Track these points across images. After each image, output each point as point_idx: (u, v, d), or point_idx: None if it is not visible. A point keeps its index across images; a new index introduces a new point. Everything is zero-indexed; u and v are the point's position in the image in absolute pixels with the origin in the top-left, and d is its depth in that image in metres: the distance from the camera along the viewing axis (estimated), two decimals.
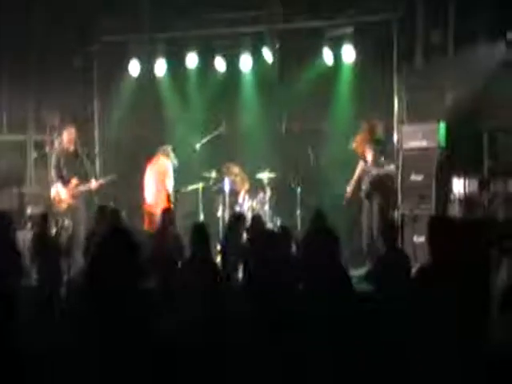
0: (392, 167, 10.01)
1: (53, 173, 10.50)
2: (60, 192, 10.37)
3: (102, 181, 10.55)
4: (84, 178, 10.38)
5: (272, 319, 5.64)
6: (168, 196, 10.40)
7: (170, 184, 10.57)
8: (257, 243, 7.40)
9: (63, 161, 10.47)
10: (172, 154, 10.68)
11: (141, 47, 11.66)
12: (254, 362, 5.65)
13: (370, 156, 10.18)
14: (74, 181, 10.35)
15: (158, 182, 10.64)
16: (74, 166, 10.46)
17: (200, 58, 11.59)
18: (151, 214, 10.37)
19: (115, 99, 11.89)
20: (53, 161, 10.59)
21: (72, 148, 10.47)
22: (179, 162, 10.81)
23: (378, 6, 10.65)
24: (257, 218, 8.49)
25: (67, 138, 10.47)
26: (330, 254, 5.69)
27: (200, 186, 10.68)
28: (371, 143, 10.20)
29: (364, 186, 10.15)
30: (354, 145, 10.22)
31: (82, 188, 10.38)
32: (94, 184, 10.37)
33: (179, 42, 11.56)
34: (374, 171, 10.05)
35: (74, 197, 10.36)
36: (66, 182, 10.39)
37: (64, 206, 10.34)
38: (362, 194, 10.17)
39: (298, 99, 11.12)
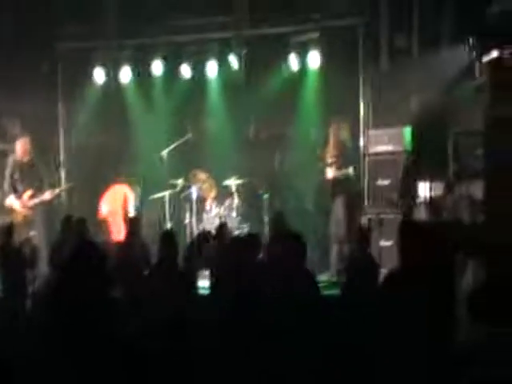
0: (350, 170, 9.92)
1: (6, 184, 10.37)
2: (13, 204, 10.26)
3: (57, 191, 10.51)
4: (39, 189, 10.27)
5: (238, 326, 5.64)
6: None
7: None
8: (223, 250, 7.42)
9: (18, 171, 10.35)
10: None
11: (106, 54, 11.63)
12: (220, 369, 5.63)
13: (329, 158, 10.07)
14: (28, 192, 10.24)
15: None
16: (30, 176, 10.34)
17: (166, 65, 11.59)
18: (108, 224, 10.45)
19: (80, 105, 11.83)
20: (7, 172, 10.44)
21: (27, 158, 10.36)
22: (145, 169, 10.81)
23: (343, 11, 10.73)
24: (223, 226, 8.45)
25: (21, 148, 10.36)
26: (297, 258, 5.71)
27: (167, 193, 10.63)
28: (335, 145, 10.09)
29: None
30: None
31: (37, 200, 10.24)
32: (47, 195, 10.25)
33: (146, 48, 11.54)
34: (332, 174, 9.98)
35: (29, 208, 10.24)
36: (19, 194, 10.27)
37: (19, 217, 10.21)
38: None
39: (264, 105, 11.10)
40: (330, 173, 9.98)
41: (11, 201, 10.28)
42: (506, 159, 7.92)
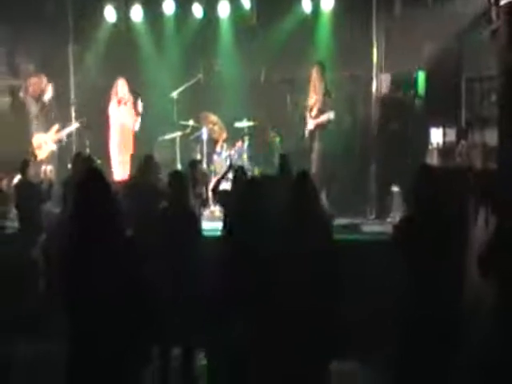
0: (331, 115, 9.60)
1: (34, 121, 10.73)
2: (42, 139, 10.65)
3: (76, 125, 10.86)
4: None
5: (252, 272, 5.69)
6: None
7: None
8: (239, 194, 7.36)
9: (42, 108, 10.72)
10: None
11: None
12: (231, 315, 5.73)
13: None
14: (55, 127, 10.67)
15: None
16: (51, 112, 10.73)
17: (177, 4, 11.49)
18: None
19: (91, 45, 11.76)
20: (32, 109, 10.76)
21: (49, 95, 10.74)
22: (156, 110, 10.78)
23: None
24: (240, 169, 8.32)
25: (37, 84, 10.74)
26: (313, 198, 5.72)
27: (177, 134, 10.61)
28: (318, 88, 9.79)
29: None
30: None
31: (63, 132, 10.70)
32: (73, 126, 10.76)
33: None
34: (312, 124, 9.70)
35: (55, 143, 10.71)
36: (47, 130, 10.68)
37: (45, 153, 10.64)
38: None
39: (276, 47, 10.99)
40: (311, 123, 9.70)
41: (40, 137, 10.67)
42: None
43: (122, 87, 10.53)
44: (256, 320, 5.57)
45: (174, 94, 10.68)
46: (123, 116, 10.52)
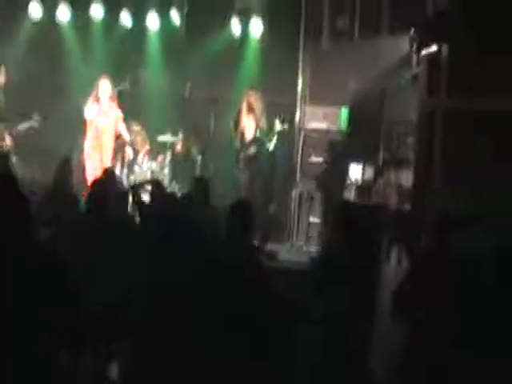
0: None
1: None
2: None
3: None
4: None
5: None
6: None
7: None
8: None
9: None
10: None
11: None
12: None
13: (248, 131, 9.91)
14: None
15: None
16: None
17: (106, 10, 11.45)
18: None
19: (14, 40, 11.52)
20: None
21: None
22: (78, 115, 10.68)
23: None
24: (156, 183, 8.35)
25: None
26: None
27: None
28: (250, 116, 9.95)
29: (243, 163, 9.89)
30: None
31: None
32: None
33: None
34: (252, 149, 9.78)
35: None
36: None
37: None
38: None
39: (203, 66, 11.16)
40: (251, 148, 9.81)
41: None
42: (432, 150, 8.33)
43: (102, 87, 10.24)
44: None
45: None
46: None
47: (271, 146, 9.97)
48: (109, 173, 7.69)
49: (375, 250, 6.60)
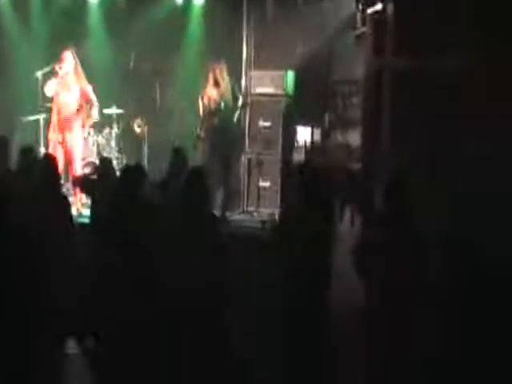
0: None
1: None
2: None
3: None
4: None
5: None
6: None
7: None
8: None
9: None
10: None
11: None
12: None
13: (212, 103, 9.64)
14: None
15: None
16: None
17: None
18: None
19: None
20: None
21: None
22: (20, 89, 10.43)
23: None
24: (106, 160, 8.18)
25: None
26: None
27: (42, 116, 10.30)
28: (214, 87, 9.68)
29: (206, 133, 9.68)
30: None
31: None
32: None
33: None
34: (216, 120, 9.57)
35: None
36: None
37: None
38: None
39: (146, 36, 10.93)
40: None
41: None
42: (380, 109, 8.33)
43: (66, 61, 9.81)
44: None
45: (39, 75, 10.32)
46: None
47: (235, 117, 9.78)
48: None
49: (330, 211, 6.60)
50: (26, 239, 5.35)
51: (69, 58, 9.76)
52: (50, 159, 7.04)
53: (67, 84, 9.77)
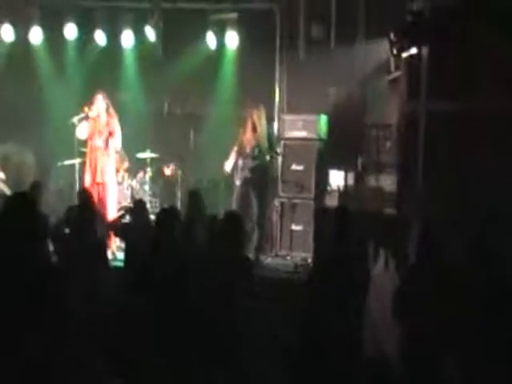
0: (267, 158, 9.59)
1: None
2: None
3: None
4: None
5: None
6: None
7: None
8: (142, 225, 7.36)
9: None
10: None
11: (14, 11, 11.21)
12: None
13: (248, 147, 9.68)
14: None
15: None
16: None
17: (79, 30, 11.31)
18: None
19: None
20: None
21: None
22: (56, 134, 10.56)
23: None
24: (141, 202, 8.22)
25: None
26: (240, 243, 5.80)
27: (77, 161, 10.39)
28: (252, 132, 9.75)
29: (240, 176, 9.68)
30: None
31: None
32: None
33: (57, 9, 11.21)
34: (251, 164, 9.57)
35: None
36: None
37: None
38: (238, 182, 9.74)
39: (180, 82, 11.05)
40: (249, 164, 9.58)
41: None
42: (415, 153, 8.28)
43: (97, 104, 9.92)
44: None
45: (75, 120, 10.44)
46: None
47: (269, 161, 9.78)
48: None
49: (364, 254, 6.56)
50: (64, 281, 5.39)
51: (100, 100, 9.85)
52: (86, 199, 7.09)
53: (99, 127, 9.86)
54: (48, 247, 6.41)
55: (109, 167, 9.84)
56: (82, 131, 9.80)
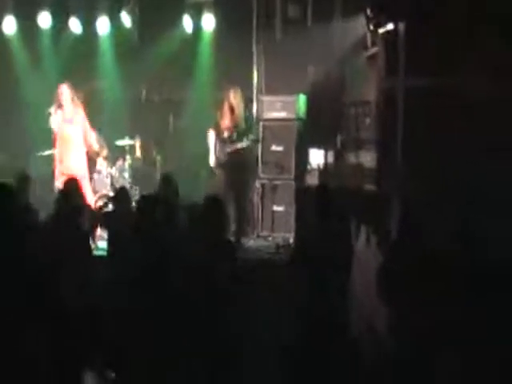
0: (244, 144, 9.41)
1: None
2: None
3: None
4: None
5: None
6: None
7: None
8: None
9: None
10: None
11: None
12: None
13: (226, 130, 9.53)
14: None
15: None
16: None
17: (54, 18, 11.20)
18: None
19: None
20: None
21: None
22: (34, 124, 10.47)
23: None
24: (123, 189, 8.13)
25: None
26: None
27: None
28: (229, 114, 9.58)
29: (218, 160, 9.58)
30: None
31: None
32: None
33: None
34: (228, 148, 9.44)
35: None
36: None
37: None
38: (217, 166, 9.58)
39: (158, 67, 11.01)
40: (227, 148, 9.44)
41: None
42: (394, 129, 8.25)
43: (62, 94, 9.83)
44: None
45: (52, 110, 10.34)
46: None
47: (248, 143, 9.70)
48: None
49: (346, 232, 6.56)
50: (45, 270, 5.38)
51: (64, 90, 9.77)
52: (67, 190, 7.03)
53: (68, 116, 9.80)
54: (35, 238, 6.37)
55: (77, 156, 9.78)
56: (53, 122, 9.74)
